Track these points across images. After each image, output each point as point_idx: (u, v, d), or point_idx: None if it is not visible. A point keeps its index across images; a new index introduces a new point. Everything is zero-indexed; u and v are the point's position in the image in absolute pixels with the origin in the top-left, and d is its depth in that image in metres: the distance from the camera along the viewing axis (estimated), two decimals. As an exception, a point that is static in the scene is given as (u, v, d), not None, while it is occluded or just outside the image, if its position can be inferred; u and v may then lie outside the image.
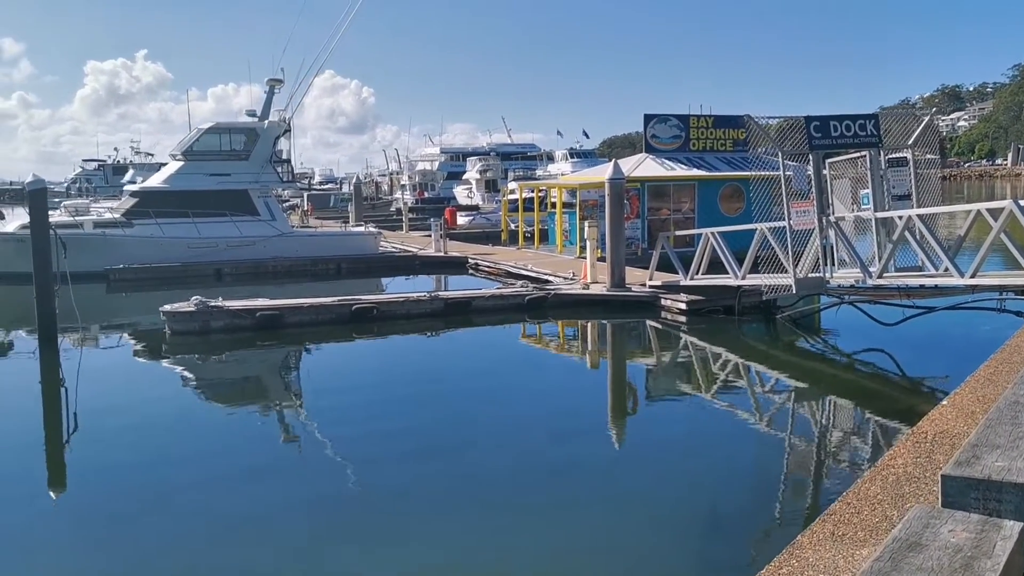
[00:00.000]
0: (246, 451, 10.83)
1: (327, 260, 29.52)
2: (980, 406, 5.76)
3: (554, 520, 8.12)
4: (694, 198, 27.76)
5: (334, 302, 18.43)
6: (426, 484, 9.21)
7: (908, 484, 4.66)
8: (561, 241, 28.81)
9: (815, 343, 16.97)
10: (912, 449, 5.15)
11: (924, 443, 5.25)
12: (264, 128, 30.18)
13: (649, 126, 28.98)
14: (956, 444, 4.91)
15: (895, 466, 4.95)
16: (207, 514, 8.55)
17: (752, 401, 13.16)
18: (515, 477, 9.45)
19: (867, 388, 13.50)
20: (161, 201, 28.22)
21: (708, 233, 18.08)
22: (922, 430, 5.45)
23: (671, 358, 16.58)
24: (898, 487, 4.63)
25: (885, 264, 14.19)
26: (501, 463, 9.95)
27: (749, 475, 9.72)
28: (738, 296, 17.86)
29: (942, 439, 5.22)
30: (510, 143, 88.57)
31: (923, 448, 5.16)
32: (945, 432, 5.34)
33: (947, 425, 5.50)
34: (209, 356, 16.51)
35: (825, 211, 15.06)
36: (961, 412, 5.72)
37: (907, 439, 5.50)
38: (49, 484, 9.97)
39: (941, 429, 5.42)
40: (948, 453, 4.79)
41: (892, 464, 5.00)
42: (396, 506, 8.60)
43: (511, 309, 19.58)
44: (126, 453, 10.50)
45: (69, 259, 25.92)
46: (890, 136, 15.61)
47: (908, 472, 4.83)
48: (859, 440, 10.90)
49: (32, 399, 13.66)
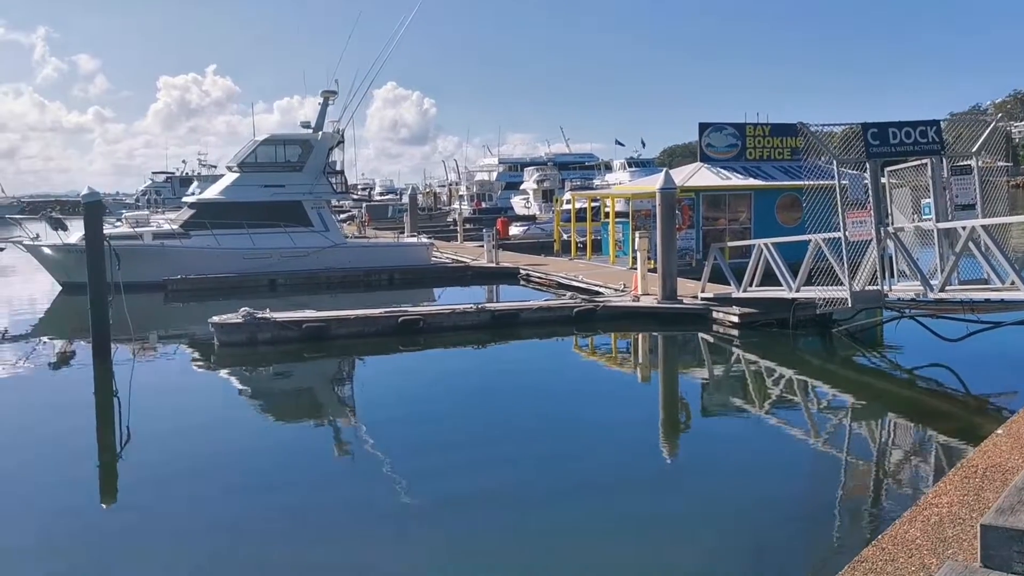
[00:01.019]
0: (295, 463, 10.78)
1: (379, 271, 29.60)
2: (1040, 436, 5.29)
3: (598, 538, 7.98)
4: (751, 208, 27.13)
5: (381, 314, 18.35)
6: (472, 498, 9.11)
7: (952, 527, 4.24)
8: (614, 252, 28.41)
9: (873, 358, 16.31)
10: (959, 485, 4.70)
11: (973, 478, 4.80)
12: (318, 140, 30.41)
13: (704, 135, 28.44)
14: (1009, 481, 4.47)
15: (939, 504, 4.52)
16: (258, 525, 8.58)
17: (807, 419, 12.66)
18: (560, 492, 9.27)
19: (928, 407, 12.89)
20: (217, 212, 28.60)
21: (760, 244, 17.55)
22: (972, 463, 4.98)
23: (722, 373, 16.09)
24: (940, 530, 4.21)
25: (947, 277, 13.55)
26: (546, 478, 9.79)
27: (800, 501, 9.23)
28: (792, 309, 17.30)
29: (994, 474, 4.77)
30: (568, 153, 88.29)
31: (972, 484, 4.71)
32: (998, 466, 4.87)
33: (1001, 458, 5.03)
34: (256, 368, 16.54)
35: (883, 221, 14.46)
36: (1018, 443, 5.24)
37: (955, 473, 5.04)
38: (101, 494, 10.10)
39: (994, 462, 4.96)
40: (999, 491, 4.37)
41: (936, 502, 4.56)
42: (441, 517, 8.58)
43: (559, 321, 19.29)
44: (177, 464, 10.58)
45: (127, 270, 26.65)
46: (960, 142, 14.95)
47: (953, 512, 4.40)
48: (920, 463, 10.36)
49: (87, 409, 13.81)
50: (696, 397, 14.61)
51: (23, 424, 12.93)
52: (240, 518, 8.78)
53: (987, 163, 15.39)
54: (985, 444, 5.53)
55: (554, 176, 68.96)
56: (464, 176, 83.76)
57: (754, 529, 8.24)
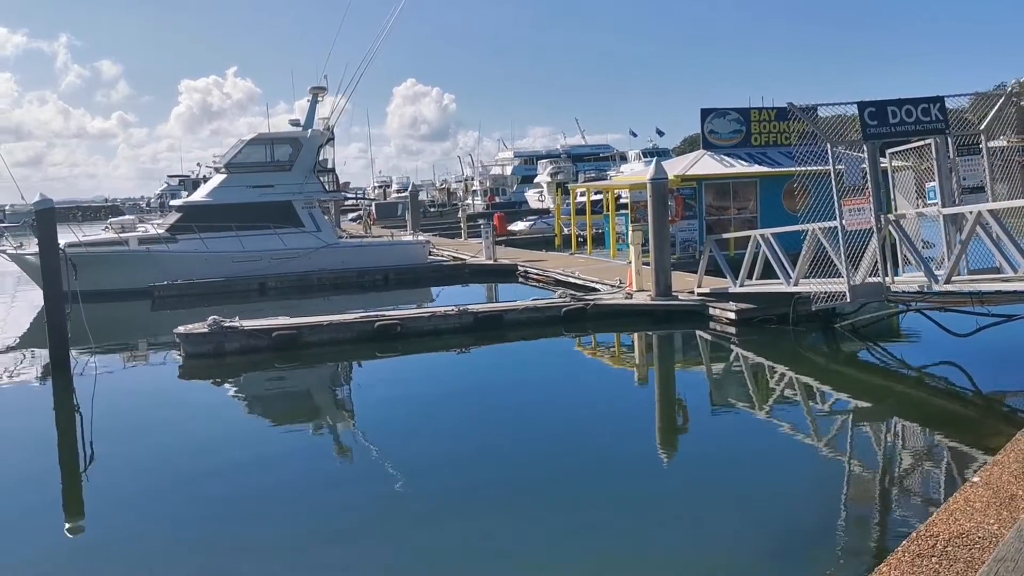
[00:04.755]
0: (267, 477, 10.06)
1: (374, 271, 28.69)
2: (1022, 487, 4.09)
3: (593, 544, 7.63)
4: (756, 196, 25.90)
5: (355, 319, 17.39)
6: (462, 506, 8.76)
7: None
8: (615, 246, 27.33)
9: (879, 355, 15.13)
10: (909, 568, 3.55)
11: (929, 557, 3.61)
12: (307, 137, 29.50)
13: (707, 121, 27.24)
14: (976, 560, 3.37)
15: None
16: (233, 542, 8.22)
17: (809, 421, 11.66)
18: (553, 498, 8.82)
19: (937, 408, 11.84)
20: (204, 215, 27.77)
21: (756, 235, 16.40)
22: (932, 531, 3.81)
23: (719, 373, 15.02)
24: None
25: (953, 267, 12.37)
26: (536, 485, 9.29)
27: (801, 510, 8.40)
28: (793, 304, 16.16)
29: (957, 550, 3.60)
30: (583, 145, 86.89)
31: (926, 568, 3.54)
32: (964, 536, 3.70)
33: (971, 522, 3.85)
34: (224, 380, 15.64)
35: (882, 208, 13.29)
36: (996, 497, 4.06)
37: (908, 548, 3.78)
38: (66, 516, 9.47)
39: (961, 529, 3.78)
40: (963, 574, 3.26)
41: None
42: (428, 522, 8.33)
43: (548, 322, 18.24)
44: (144, 482, 10.08)
45: (114, 276, 25.99)
46: (984, 122, 13.71)
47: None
48: (929, 469, 9.42)
49: (47, 426, 13.18)
50: (689, 401, 13.46)
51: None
52: (215, 536, 8.42)
53: (1008, 141, 14.20)
54: (954, 499, 4.33)
55: (568, 168, 67.72)
56: (479, 171, 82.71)
57: (748, 537, 7.65)
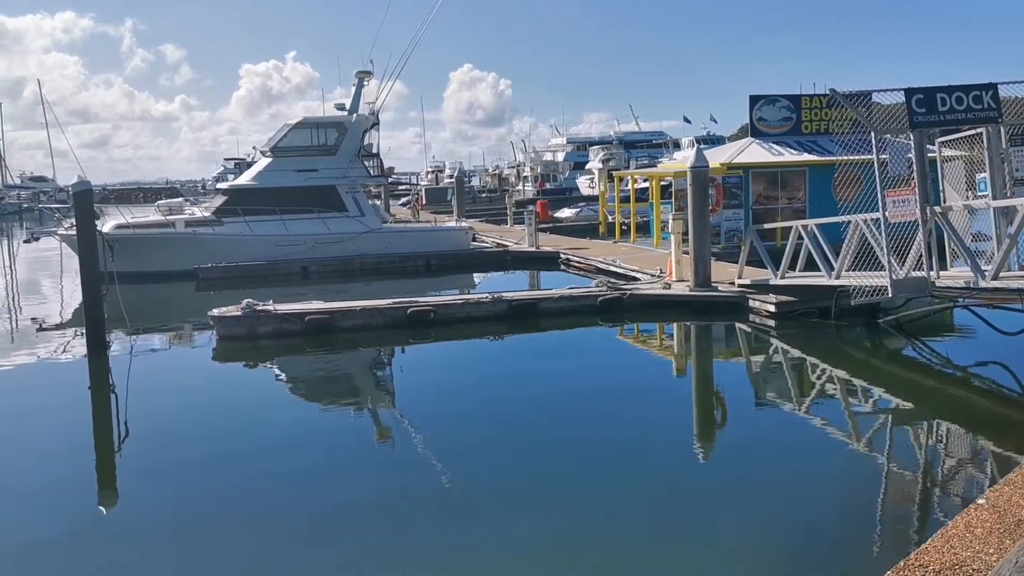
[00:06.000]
0: (299, 459, 10.07)
1: (416, 256, 28.64)
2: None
3: (623, 540, 7.50)
4: (806, 185, 25.18)
5: (388, 305, 17.30)
6: (494, 496, 8.66)
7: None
8: (658, 234, 26.86)
9: (923, 352, 14.57)
10: None
11: None
12: (352, 122, 29.51)
13: (756, 108, 26.48)
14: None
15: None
16: (263, 521, 8.21)
17: (847, 419, 11.25)
18: (584, 493, 8.66)
19: (981, 409, 11.32)
20: (249, 199, 27.97)
21: (797, 225, 15.90)
22: (923, 561, 3.45)
23: (757, 367, 14.58)
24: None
25: (1002, 262, 11.81)
26: (570, 475, 9.15)
27: (838, 512, 8.16)
28: (834, 297, 15.63)
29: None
30: (636, 131, 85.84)
31: None
32: (958, 567, 3.35)
33: (968, 551, 3.47)
34: (257, 363, 15.69)
35: (928, 200, 12.74)
36: (1001, 521, 3.69)
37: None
38: (99, 493, 9.62)
39: (956, 559, 3.42)
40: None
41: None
42: (460, 512, 8.24)
43: (583, 312, 17.95)
44: (176, 459, 10.17)
45: (160, 258, 26.37)
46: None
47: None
48: (970, 474, 9.02)
49: (83, 405, 13.43)
50: (725, 396, 12.99)
51: (18, 422, 12.37)
52: (243, 513, 8.44)
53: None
54: (953, 524, 3.97)
55: (620, 155, 66.84)
56: (531, 157, 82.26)
57: (780, 538, 7.46)
